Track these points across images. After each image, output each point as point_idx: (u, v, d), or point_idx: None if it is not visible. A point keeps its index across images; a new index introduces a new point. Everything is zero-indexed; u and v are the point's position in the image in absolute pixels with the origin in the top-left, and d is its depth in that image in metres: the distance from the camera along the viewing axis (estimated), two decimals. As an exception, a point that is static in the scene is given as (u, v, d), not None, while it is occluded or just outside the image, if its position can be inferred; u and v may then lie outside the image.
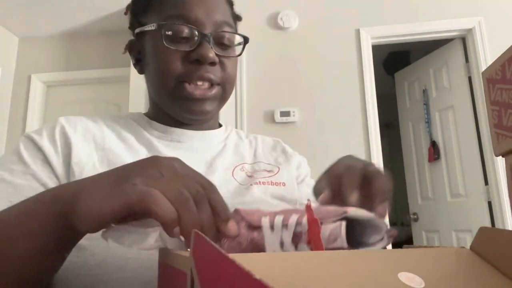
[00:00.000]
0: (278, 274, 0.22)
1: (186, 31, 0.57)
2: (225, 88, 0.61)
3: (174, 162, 0.35)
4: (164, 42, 0.56)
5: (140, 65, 0.65)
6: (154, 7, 0.60)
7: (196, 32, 0.57)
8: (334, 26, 2.66)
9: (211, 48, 0.57)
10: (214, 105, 0.61)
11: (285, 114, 2.52)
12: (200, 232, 0.22)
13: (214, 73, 0.58)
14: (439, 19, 2.58)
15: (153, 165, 0.34)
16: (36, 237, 0.35)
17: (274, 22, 2.70)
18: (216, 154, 0.64)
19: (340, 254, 0.26)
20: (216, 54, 0.58)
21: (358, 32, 2.62)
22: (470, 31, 2.55)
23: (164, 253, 0.32)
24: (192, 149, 0.63)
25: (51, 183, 0.51)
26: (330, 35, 2.64)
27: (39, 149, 0.53)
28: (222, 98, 0.62)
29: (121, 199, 0.31)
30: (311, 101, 2.55)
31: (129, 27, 0.66)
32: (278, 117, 2.52)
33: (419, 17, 2.60)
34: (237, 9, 0.67)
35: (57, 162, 0.53)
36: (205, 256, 0.20)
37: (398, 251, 0.29)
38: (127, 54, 0.68)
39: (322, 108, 2.53)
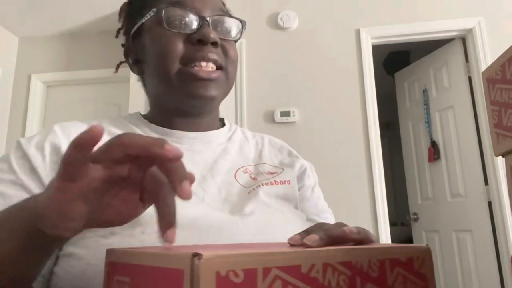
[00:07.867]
0: None
1: (185, 16, 0.57)
2: (228, 72, 0.60)
3: None
4: (165, 25, 0.57)
5: (138, 66, 0.64)
6: (150, 4, 0.60)
7: (196, 16, 0.58)
8: (334, 26, 2.66)
9: (212, 30, 0.58)
10: (219, 91, 0.59)
11: (285, 114, 2.52)
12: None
13: (218, 54, 0.58)
14: (439, 19, 2.58)
15: None
16: (6, 245, 0.36)
17: (274, 22, 2.69)
18: (217, 155, 0.62)
19: None
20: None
21: (358, 32, 2.62)
22: (470, 31, 2.55)
23: (130, 253, 0.30)
24: (192, 150, 0.61)
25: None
26: (330, 35, 2.64)
27: (26, 157, 0.52)
28: (226, 84, 0.61)
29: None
30: (311, 101, 2.55)
31: (124, 33, 0.66)
32: (278, 117, 2.52)
33: (419, 17, 2.60)
34: (238, 9, 0.67)
35: (44, 171, 0.51)
36: None
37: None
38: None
39: (322, 108, 2.53)
